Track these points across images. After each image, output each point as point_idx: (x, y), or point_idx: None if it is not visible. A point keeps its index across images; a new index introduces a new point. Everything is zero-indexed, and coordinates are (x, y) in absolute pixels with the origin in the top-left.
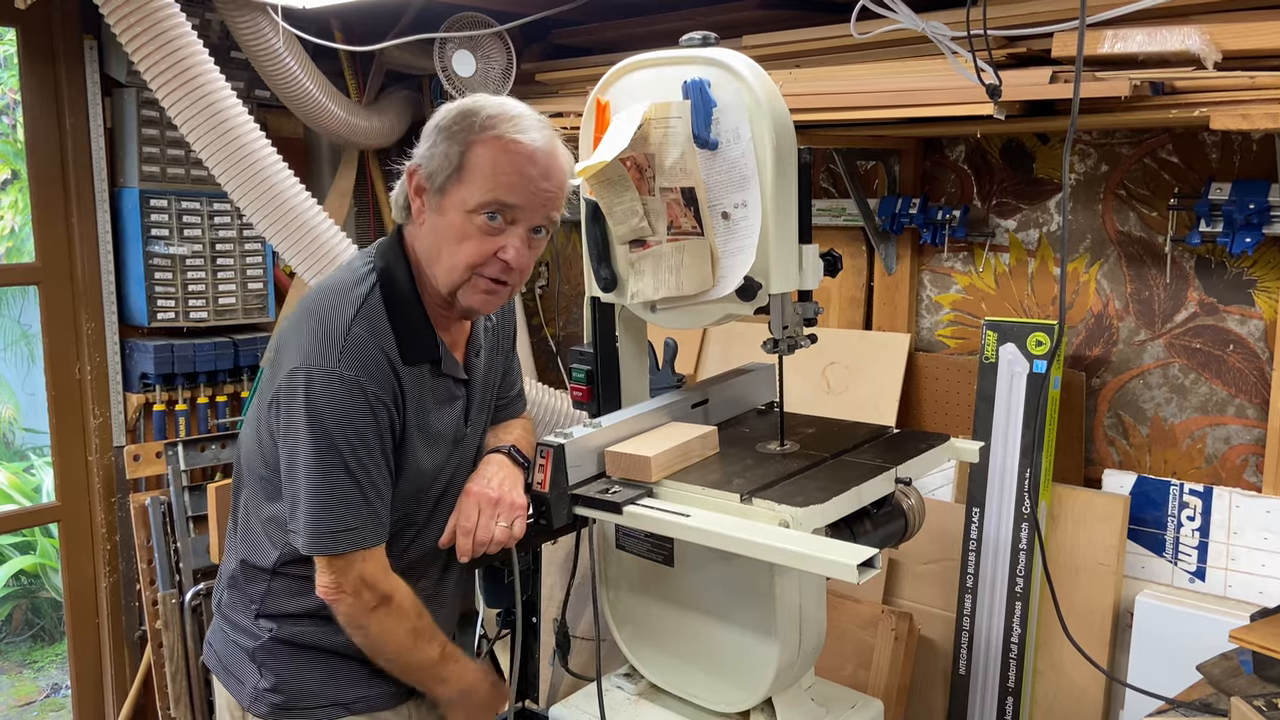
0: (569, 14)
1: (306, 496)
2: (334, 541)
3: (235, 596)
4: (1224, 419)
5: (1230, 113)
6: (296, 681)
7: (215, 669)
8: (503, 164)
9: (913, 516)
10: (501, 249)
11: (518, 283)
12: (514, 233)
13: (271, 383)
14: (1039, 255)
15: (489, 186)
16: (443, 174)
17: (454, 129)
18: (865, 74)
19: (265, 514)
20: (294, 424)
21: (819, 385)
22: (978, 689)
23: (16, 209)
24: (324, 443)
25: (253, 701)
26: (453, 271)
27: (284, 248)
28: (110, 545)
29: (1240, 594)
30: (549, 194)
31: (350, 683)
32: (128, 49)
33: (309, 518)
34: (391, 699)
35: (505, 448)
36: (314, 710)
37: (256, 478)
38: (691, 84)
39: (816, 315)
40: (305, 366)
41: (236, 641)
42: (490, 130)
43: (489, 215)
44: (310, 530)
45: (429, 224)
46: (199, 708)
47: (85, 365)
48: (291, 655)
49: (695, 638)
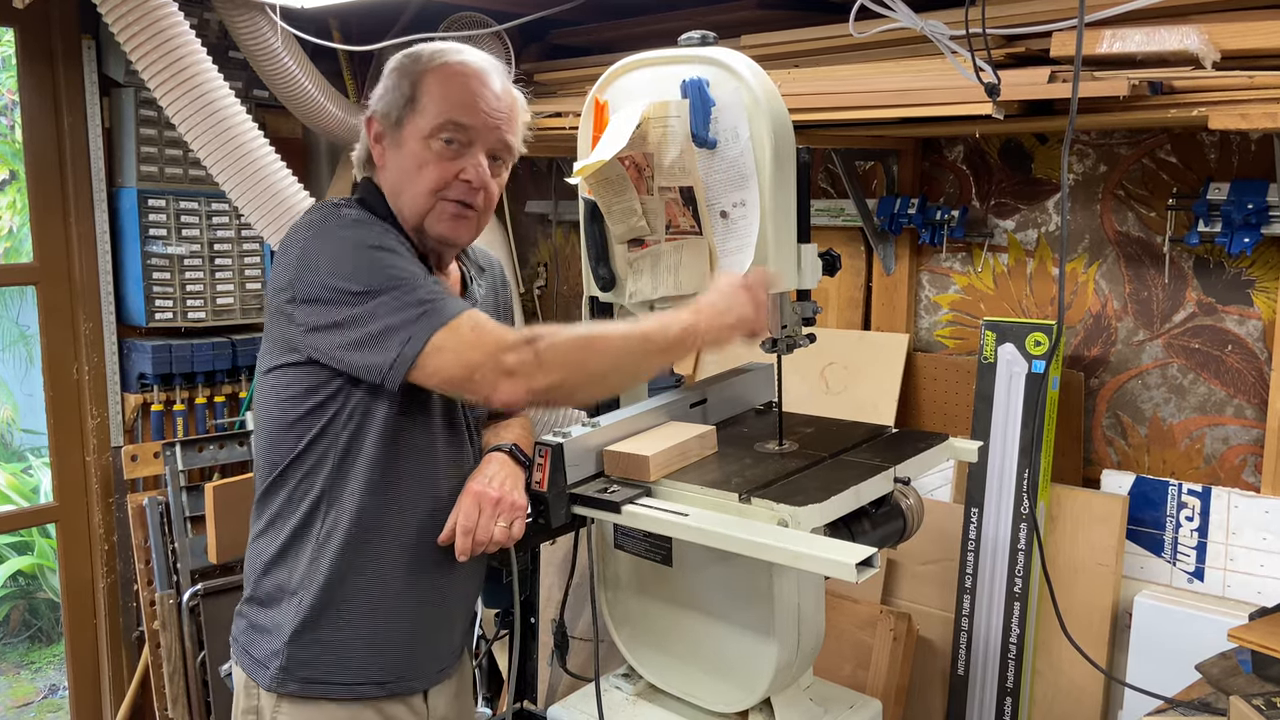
0: (567, 14)
1: (373, 302)
2: (427, 321)
3: (271, 562)
4: (1222, 419)
5: (1229, 112)
6: (329, 653)
7: (238, 656)
8: (452, 87)
9: (911, 516)
10: (462, 170)
11: (484, 208)
12: (473, 154)
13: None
14: (1037, 255)
15: (441, 109)
16: (397, 108)
17: (403, 66)
18: (864, 73)
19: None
20: (320, 268)
21: (817, 385)
22: (976, 689)
23: (14, 209)
24: (358, 250)
25: (280, 680)
26: (417, 199)
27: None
28: (108, 546)
29: (1239, 594)
30: (501, 114)
31: (380, 662)
32: (126, 49)
33: (385, 317)
34: (427, 679)
35: (506, 446)
36: (344, 686)
37: (285, 418)
38: (690, 83)
39: (815, 315)
40: (312, 237)
41: (266, 624)
42: (438, 59)
43: (446, 139)
44: (395, 329)
45: (390, 163)
46: (197, 708)
47: (83, 365)
48: (329, 625)
49: (694, 638)
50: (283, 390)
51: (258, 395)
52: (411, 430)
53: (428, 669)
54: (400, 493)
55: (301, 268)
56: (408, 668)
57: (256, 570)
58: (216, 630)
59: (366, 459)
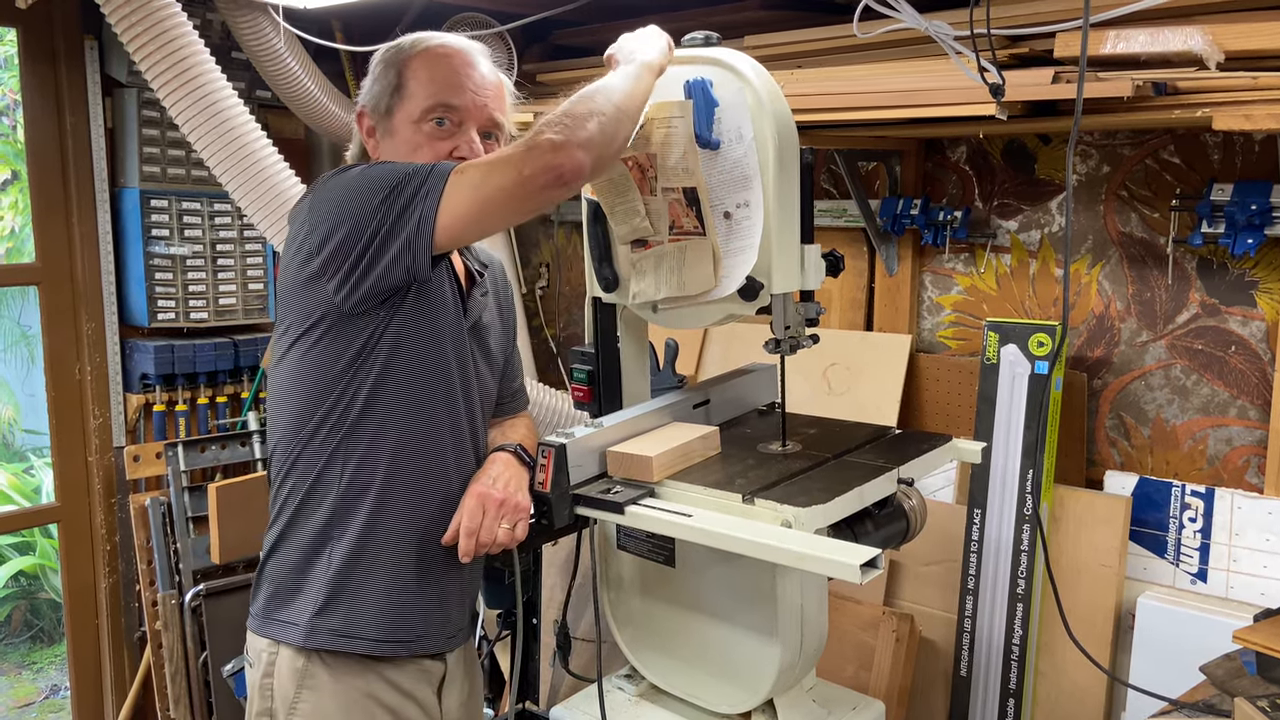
0: (570, 14)
1: (385, 191)
2: (437, 178)
3: (294, 536)
4: (1226, 420)
5: (1233, 113)
6: (358, 608)
7: (257, 628)
8: (438, 69)
9: (914, 517)
10: (455, 148)
11: None
12: (464, 133)
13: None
14: (1040, 256)
15: (430, 92)
16: (385, 97)
17: (388, 57)
18: (867, 74)
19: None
20: (330, 205)
21: (820, 386)
22: (979, 690)
23: (17, 209)
24: (361, 183)
25: (309, 635)
26: None
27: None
28: (110, 546)
29: (1242, 595)
30: (489, 92)
31: (408, 620)
32: (129, 49)
33: (403, 190)
34: (444, 642)
35: (511, 446)
36: (371, 642)
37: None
38: (694, 83)
39: (818, 315)
40: (314, 195)
41: (293, 584)
42: (421, 44)
43: (436, 120)
44: (419, 187)
45: (385, 152)
46: (199, 709)
47: (85, 366)
48: (359, 578)
49: (697, 639)
50: (304, 359)
51: (277, 372)
52: (418, 412)
53: (441, 633)
54: (416, 454)
55: (313, 219)
56: (424, 629)
57: (283, 543)
58: (219, 631)
59: (389, 405)
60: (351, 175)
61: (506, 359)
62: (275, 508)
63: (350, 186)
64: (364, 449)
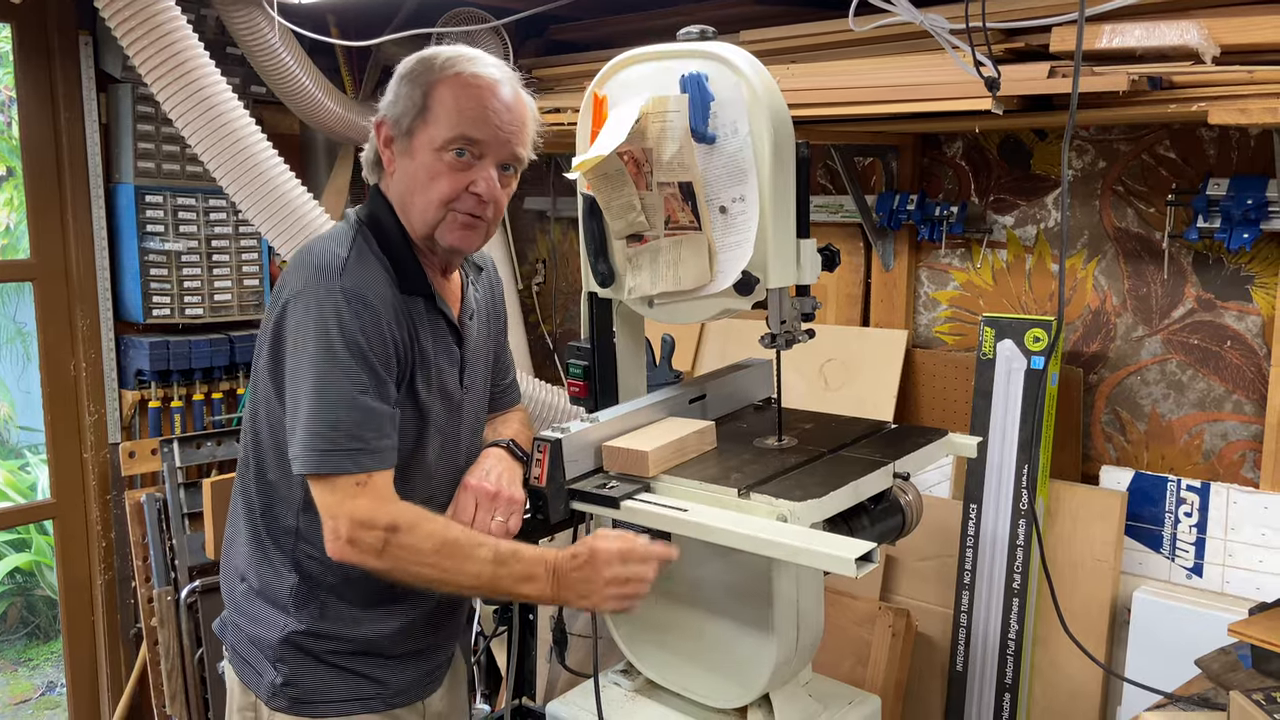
0: (566, 9)
1: (307, 411)
2: (326, 459)
3: (253, 579)
4: (1221, 415)
5: (1228, 107)
6: (314, 678)
7: (231, 656)
8: (465, 99)
9: (910, 512)
10: (473, 183)
11: (493, 218)
12: (483, 166)
13: (269, 327)
14: (1036, 251)
15: (454, 122)
16: (408, 117)
17: (415, 73)
18: (863, 69)
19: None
20: (300, 340)
21: (816, 382)
22: (975, 685)
23: (11, 205)
24: (327, 354)
25: (271, 696)
26: (428, 210)
27: (280, 244)
28: (105, 542)
29: (1237, 590)
30: (513, 127)
31: (369, 679)
32: (123, 44)
33: (305, 433)
34: (410, 694)
35: (504, 442)
36: (334, 704)
37: (267, 441)
38: (689, 78)
39: (814, 310)
40: (307, 289)
41: (253, 635)
42: (450, 69)
43: (457, 151)
44: (305, 445)
45: (399, 170)
46: (194, 705)
47: (80, 362)
48: (312, 651)
49: (693, 634)
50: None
51: (251, 397)
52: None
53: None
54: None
55: (293, 319)
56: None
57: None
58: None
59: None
60: (322, 357)
61: (497, 357)
62: (232, 548)
63: (314, 373)
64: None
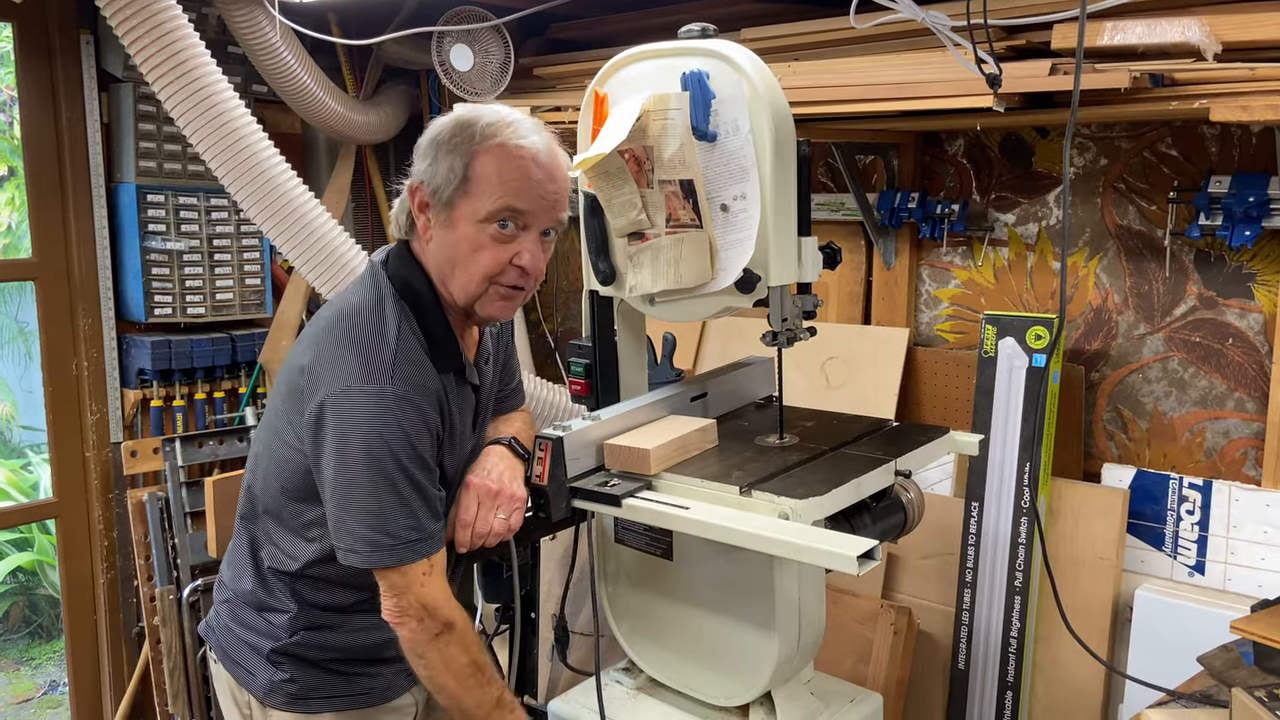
0: (566, 8)
1: (362, 512)
2: (394, 553)
3: (250, 600)
4: (1223, 413)
5: (1230, 105)
6: (310, 677)
7: (220, 656)
8: (508, 171)
9: (912, 510)
10: (517, 255)
11: (533, 287)
12: (527, 237)
13: (299, 402)
14: (1038, 249)
15: (498, 195)
16: (449, 188)
17: (454, 142)
18: (864, 66)
19: (304, 518)
20: (347, 443)
21: (818, 380)
22: (977, 683)
23: (13, 205)
24: (381, 459)
25: (267, 694)
26: (470, 283)
27: (282, 243)
28: (108, 541)
29: (1239, 588)
30: (556, 196)
31: (366, 676)
32: (125, 43)
33: (368, 531)
34: (402, 685)
35: (505, 439)
36: (330, 699)
37: (279, 491)
38: (690, 76)
39: (816, 308)
40: (354, 389)
41: (248, 640)
42: (492, 139)
43: (500, 224)
44: (369, 544)
45: (438, 239)
46: (197, 704)
47: (82, 361)
48: (310, 655)
49: (694, 632)
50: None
51: (261, 448)
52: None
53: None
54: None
55: (339, 417)
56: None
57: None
58: None
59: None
60: (374, 450)
61: (504, 365)
62: (232, 567)
63: (366, 459)
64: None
